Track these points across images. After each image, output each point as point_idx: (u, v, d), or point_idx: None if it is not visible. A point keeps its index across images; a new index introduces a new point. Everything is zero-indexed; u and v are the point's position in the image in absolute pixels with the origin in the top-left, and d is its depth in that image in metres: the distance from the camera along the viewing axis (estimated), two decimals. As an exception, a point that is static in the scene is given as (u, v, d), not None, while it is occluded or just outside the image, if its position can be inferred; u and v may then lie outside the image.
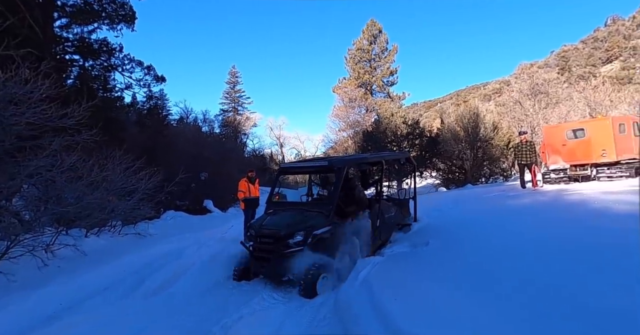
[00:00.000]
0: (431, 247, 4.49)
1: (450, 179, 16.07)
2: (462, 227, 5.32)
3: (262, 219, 5.03)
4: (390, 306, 2.89)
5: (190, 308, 3.88)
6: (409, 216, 6.15)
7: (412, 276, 3.60)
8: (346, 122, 29.79)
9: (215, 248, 7.08)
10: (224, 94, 41.80)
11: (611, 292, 2.40)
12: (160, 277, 4.99)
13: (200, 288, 4.64)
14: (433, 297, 2.94)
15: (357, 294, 3.47)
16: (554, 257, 3.31)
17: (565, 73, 50.89)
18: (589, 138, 9.88)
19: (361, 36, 30.59)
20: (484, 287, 2.96)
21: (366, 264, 4.29)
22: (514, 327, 2.26)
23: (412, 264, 4.00)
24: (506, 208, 6.37)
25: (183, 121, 28.10)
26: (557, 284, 2.75)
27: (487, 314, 2.51)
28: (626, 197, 5.46)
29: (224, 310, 3.67)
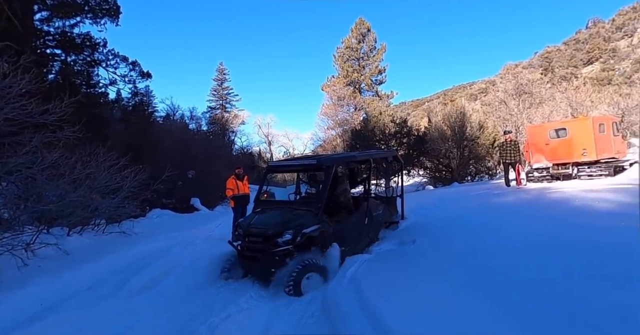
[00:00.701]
0: (418, 244, 4.54)
1: (437, 178, 16.27)
2: (449, 224, 5.40)
3: (250, 217, 5.00)
4: (378, 304, 2.91)
5: (176, 307, 3.83)
6: (396, 214, 6.20)
7: (399, 274, 3.63)
8: (335, 120, 29.84)
9: (202, 247, 7.01)
10: (212, 91, 41.30)
11: (602, 289, 2.46)
12: (145, 276, 4.91)
13: (187, 287, 4.58)
14: (420, 295, 2.97)
15: (345, 292, 3.48)
16: (538, 255, 3.38)
17: (548, 74, 52.03)
18: (571, 137, 10.13)
19: (350, 35, 30.62)
20: (470, 285, 3.01)
21: (354, 261, 4.31)
22: (500, 323, 2.30)
23: (400, 262, 4.03)
24: (492, 206, 6.49)
25: (169, 118, 27.72)
26: (542, 280, 2.82)
27: (474, 311, 2.55)
28: (606, 195, 5.63)
29: (211, 309, 3.64)
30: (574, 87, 22.09)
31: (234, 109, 41.38)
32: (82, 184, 6.54)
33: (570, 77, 43.33)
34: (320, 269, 4.30)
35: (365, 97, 30.64)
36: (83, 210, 6.69)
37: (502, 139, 11.11)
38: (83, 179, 6.61)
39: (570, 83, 24.40)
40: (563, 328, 2.12)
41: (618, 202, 4.97)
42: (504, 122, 18.92)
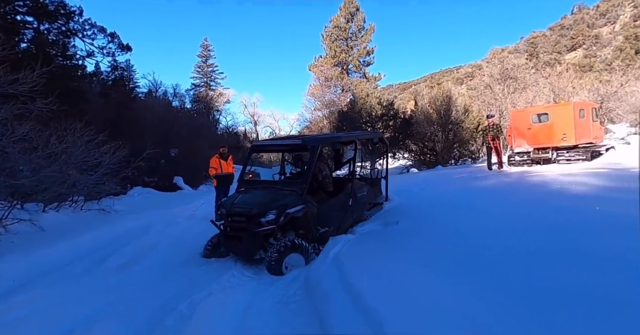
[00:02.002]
0: (401, 225, 4.60)
1: (421, 161, 16.43)
2: (432, 206, 5.48)
3: (234, 197, 4.94)
4: (359, 284, 2.94)
5: (157, 285, 3.79)
6: (380, 195, 6.25)
7: (381, 254, 3.68)
8: (322, 101, 29.51)
9: (184, 225, 6.96)
10: (196, 68, 39.99)
11: (582, 271, 2.54)
12: (125, 254, 4.84)
13: (169, 265, 4.55)
14: (401, 275, 3.01)
15: (327, 272, 3.52)
16: (516, 235, 3.47)
17: (533, 59, 52.39)
18: (552, 122, 10.31)
19: (338, 13, 29.87)
20: (450, 265, 3.07)
21: (337, 242, 4.35)
22: (479, 302, 2.36)
23: (382, 243, 4.08)
24: (474, 188, 6.61)
25: (152, 94, 26.92)
26: (516, 260, 2.90)
27: (453, 290, 2.60)
28: (582, 179, 5.80)
29: (193, 287, 3.61)
30: (557, 73, 22.37)
31: (219, 87, 40.36)
32: (58, 159, 6.29)
33: (553, 63, 43.76)
34: (303, 249, 4.31)
35: (352, 79, 30.26)
36: (59, 186, 6.48)
37: (485, 123, 11.22)
38: (59, 153, 6.35)
39: (554, 69, 24.68)
40: (542, 308, 2.18)
41: (594, 186, 5.13)
42: (489, 106, 19.10)
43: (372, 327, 2.30)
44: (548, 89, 19.39)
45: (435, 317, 2.27)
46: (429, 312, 2.35)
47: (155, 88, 28.02)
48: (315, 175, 5.24)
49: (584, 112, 10.26)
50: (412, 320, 2.30)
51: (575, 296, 2.22)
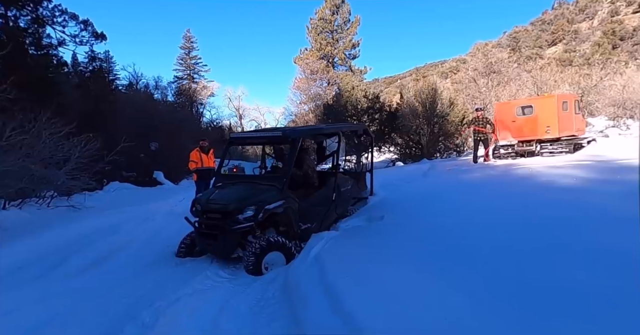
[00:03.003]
0: (386, 221, 4.39)
1: (407, 154, 16.34)
2: (418, 200, 5.30)
3: (210, 193, 4.64)
4: (340, 286, 2.71)
5: (121, 289, 3.48)
6: (365, 190, 6.04)
7: (365, 252, 3.46)
8: (307, 94, 29.15)
9: (160, 222, 6.63)
10: (178, 60, 38.91)
11: (576, 268, 2.38)
12: (90, 255, 4.50)
13: (138, 266, 4.25)
14: (384, 275, 2.80)
15: (307, 272, 3.28)
16: (505, 230, 3.31)
17: (515, 53, 53.04)
18: (536, 115, 10.30)
19: (324, 5, 29.38)
20: (437, 265, 2.87)
21: (319, 239, 4.11)
22: (467, 306, 2.17)
23: (367, 240, 3.86)
24: (460, 182, 6.48)
25: (132, 87, 26.09)
26: (506, 257, 2.73)
27: (438, 293, 2.41)
28: (568, 171, 5.72)
29: (161, 291, 3.33)
30: (539, 66, 22.63)
31: (203, 79, 39.45)
32: (17, 152, 5.82)
33: (535, 57, 44.42)
34: (283, 247, 4.08)
35: (338, 72, 29.93)
36: (18, 181, 5.99)
37: (471, 116, 11.16)
38: (16, 145, 5.87)
39: (536, 63, 25.00)
40: (532, 308, 2.01)
41: (582, 178, 5.03)
42: (473, 99, 19.15)
43: (352, 334, 2.10)
44: (531, 83, 19.56)
45: (419, 323, 2.07)
46: (412, 317, 2.15)
47: (136, 80, 27.11)
48: (299, 168, 4.99)
49: (567, 105, 10.28)
50: (394, 325, 2.10)
51: (568, 294, 2.08)
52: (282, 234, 4.43)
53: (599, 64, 25.54)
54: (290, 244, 4.19)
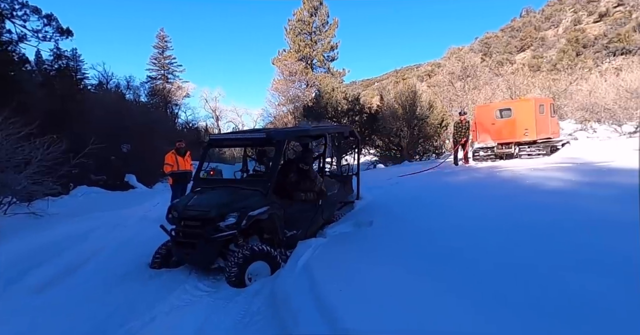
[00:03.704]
0: (375, 226, 4.21)
1: (387, 156, 16.37)
2: (406, 204, 5.16)
3: (188, 198, 4.31)
4: (334, 300, 2.50)
5: (88, 306, 3.12)
6: (352, 193, 5.86)
7: (357, 260, 3.26)
8: (286, 96, 28.82)
9: (132, 229, 6.19)
10: (152, 60, 37.74)
11: (571, 273, 2.27)
12: (53, 267, 4.08)
13: (107, 279, 3.86)
14: (382, 288, 2.60)
15: (296, 283, 3.05)
16: (498, 236, 3.20)
17: (487, 58, 54.78)
18: (515, 118, 10.49)
19: (302, 6, 29.25)
20: (433, 273, 2.71)
21: (307, 246, 3.88)
22: (467, 316, 2.01)
23: (357, 247, 3.67)
24: (446, 185, 6.41)
25: (102, 87, 24.97)
26: (504, 264, 2.60)
27: (436, 304, 2.24)
28: (553, 174, 5.76)
29: (134, 308, 3.00)
30: (511, 71, 23.40)
31: (177, 80, 38.43)
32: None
33: (506, 63, 45.97)
34: (268, 256, 3.81)
35: (317, 74, 29.83)
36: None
37: (452, 121, 11.26)
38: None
39: (506, 68, 25.85)
40: (527, 315, 1.89)
41: (568, 181, 5.06)
42: (451, 102, 19.47)
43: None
44: (505, 86, 20.12)
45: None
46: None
47: (106, 80, 25.96)
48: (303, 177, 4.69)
49: (543, 108, 10.53)
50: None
51: (559, 300, 2.02)
52: (267, 242, 4.17)
53: (565, 70, 26.69)
54: (276, 253, 3.93)
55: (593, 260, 2.44)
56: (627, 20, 51.52)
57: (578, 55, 52.79)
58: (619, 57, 40.68)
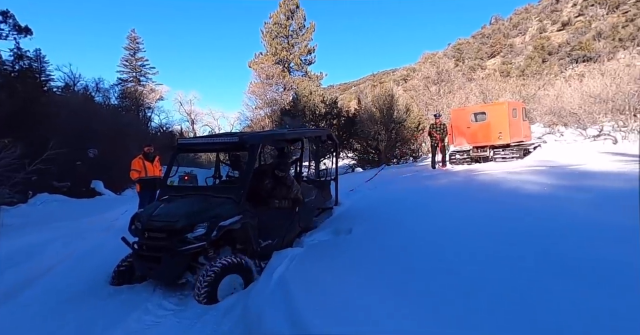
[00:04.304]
0: (355, 234, 4.02)
1: (365, 160, 16.37)
2: (386, 209, 5.01)
3: (153, 207, 3.96)
4: (312, 317, 2.28)
5: (36, 331, 2.75)
6: (330, 199, 5.66)
7: (336, 273, 3.05)
8: (263, 99, 28.45)
9: (94, 241, 5.74)
10: (122, 62, 36.39)
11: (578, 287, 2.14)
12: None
13: (60, 298, 3.48)
14: (364, 304, 2.41)
15: (270, 300, 2.80)
16: (486, 243, 3.08)
17: (460, 63, 56.42)
18: (489, 121, 10.66)
19: (278, 10, 29.09)
20: (418, 286, 2.54)
21: (283, 257, 3.64)
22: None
23: (336, 258, 3.46)
24: (426, 188, 6.32)
25: (69, 89, 23.82)
26: (498, 276, 2.46)
27: (423, 324, 2.07)
28: (530, 177, 5.78)
29: (88, 332, 2.67)
30: (482, 76, 24.13)
31: (150, 82, 37.29)
32: None
33: (477, 68, 47.53)
34: (242, 269, 3.54)
35: (294, 77, 29.66)
36: None
37: (427, 124, 11.33)
38: None
39: (478, 73, 26.67)
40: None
41: (547, 184, 5.06)
42: (427, 106, 19.76)
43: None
44: (478, 91, 20.64)
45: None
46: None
47: (73, 81, 24.82)
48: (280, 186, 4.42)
49: (516, 112, 10.76)
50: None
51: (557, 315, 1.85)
52: (240, 253, 3.89)
53: (533, 76, 27.77)
54: (249, 265, 3.67)
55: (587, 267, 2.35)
56: (587, 29, 54.43)
57: (544, 62, 55.23)
58: (581, 64, 42.87)
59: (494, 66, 59.90)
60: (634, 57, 30.88)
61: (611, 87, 17.15)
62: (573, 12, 61.89)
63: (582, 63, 44.09)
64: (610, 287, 2.07)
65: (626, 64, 23.22)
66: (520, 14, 74.35)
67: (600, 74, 22.08)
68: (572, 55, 49.79)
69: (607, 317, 1.82)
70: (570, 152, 10.23)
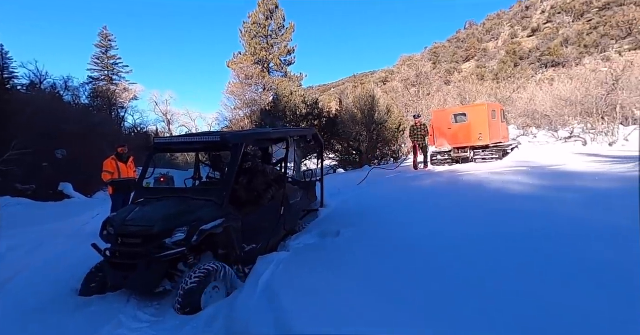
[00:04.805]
0: (343, 238, 3.87)
1: (347, 161, 16.32)
2: (373, 211, 4.89)
3: (127, 211, 3.68)
4: (304, 328, 2.12)
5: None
6: (315, 201, 5.49)
7: (326, 279, 2.88)
8: (242, 100, 27.97)
9: (61, 248, 5.35)
10: (94, 60, 35.08)
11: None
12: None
13: (20, 312, 3.14)
14: (360, 310, 2.26)
15: (258, 309, 2.62)
16: (480, 248, 3.00)
17: (436, 67, 57.69)
18: (470, 123, 10.81)
19: (257, 9, 28.74)
20: (412, 294, 2.42)
21: (268, 263, 3.44)
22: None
23: (325, 261, 3.30)
24: (412, 190, 6.27)
25: (35, 87, 22.67)
26: (496, 283, 2.38)
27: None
28: (514, 178, 5.81)
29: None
30: (461, 79, 24.73)
31: (124, 81, 36.12)
32: None
33: (453, 72, 48.75)
34: (225, 276, 3.33)
35: (274, 78, 29.36)
36: None
37: (411, 123, 11.37)
38: None
39: (454, 76, 27.34)
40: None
41: (532, 185, 5.08)
42: (407, 107, 19.97)
43: None
44: (456, 93, 21.08)
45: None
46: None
47: (39, 79, 23.65)
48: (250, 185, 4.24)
49: (495, 113, 10.97)
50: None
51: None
52: (222, 258, 3.67)
53: (506, 80, 28.70)
54: (232, 271, 3.46)
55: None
56: (555, 35, 56.91)
57: (516, 66, 57.31)
58: (550, 69, 44.74)
59: (469, 70, 61.66)
60: (599, 62, 32.53)
61: (580, 90, 17.92)
62: (542, 19, 64.58)
63: (551, 68, 46.06)
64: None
65: (592, 69, 24.39)
66: (493, 19, 76.97)
67: (569, 78, 23.06)
68: (542, 60, 51.89)
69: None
70: (546, 153, 10.53)
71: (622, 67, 16.82)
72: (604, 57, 39.32)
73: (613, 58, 30.56)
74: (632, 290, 2.01)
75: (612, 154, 9.27)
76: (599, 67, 25.61)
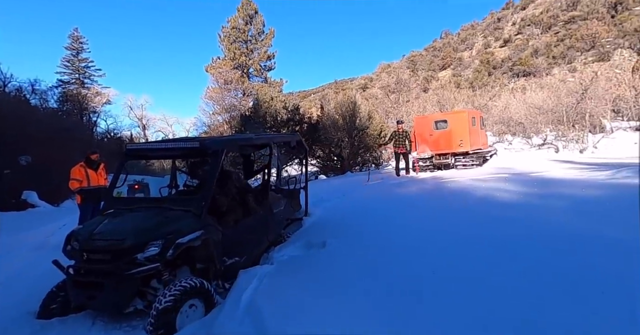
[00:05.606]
0: (330, 248, 3.68)
1: (328, 167, 16.20)
2: (359, 220, 4.74)
3: (95, 223, 3.33)
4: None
5: None
6: (299, 209, 5.28)
7: (314, 295, 2.69)
8: (221, 105, 27.48)
9: (21, 262, 4.91)
10: (63, 62, 33.69)
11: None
12: None
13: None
14: (352, 330, 2.08)
15: (240, 329, 2.39)
16: (469, 255, 2.89)
17: (415, 74, 58.96)
18: (450, 129, 10.92)
19: (236, 14, 28.53)
20: (402, 310, 2.26)
21: (251, 277, 3.20)
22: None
23: (312, 276, 3.09)
24: (396, 197, 6.17)
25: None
26: (486, 295, 2.25)
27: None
28: (497, 185, 5.81)
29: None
30: (436, 87, 25.32)
31: (96, 85, 34.87)
32: None
33: (430, 80, 49.96)
34: (203, 294, 3.06)
35: (254, 83, 29.07)
36: None
37: (391, 130, 11.38)
38: None
39: (431, 83, 28.02)
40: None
41: (516, 192, 5.06)
42: (387, 113, 20.16)
43: None
44: (435, 100, 21.48)
45: None
46: None
47: (3, 82, 22.42)
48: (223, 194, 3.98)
49: (475, 120, 11.14)
50: None
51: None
52: (200, 273, 3.39)
53: (481, 88, 29.63)
54: (211, 287, 3.19)
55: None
56: (526, 46, 59.41)
57: (490, 75, 59.36)
58: (522, 78, 46.52)
59: (445, 78, 63.38)
60: (566, 73, 34.12)
61: (551, 99, 18.64)
62: (513, 30, 67.35)
63: (523, 77, 47.89)
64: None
65: (560, 79, 25.51)
66: (467, 30, 79.75)
67: (539, 87, 24.01)
68: (514, 69, 53.92)
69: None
70: (522, 159, 10.77)
71: (590, 78, 17.60)
72: (570, 68, 41.25)
73: (579, 69, 32.16)
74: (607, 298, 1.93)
75: (584, 160, 9.56)
76: (567, 77, 26.86)
